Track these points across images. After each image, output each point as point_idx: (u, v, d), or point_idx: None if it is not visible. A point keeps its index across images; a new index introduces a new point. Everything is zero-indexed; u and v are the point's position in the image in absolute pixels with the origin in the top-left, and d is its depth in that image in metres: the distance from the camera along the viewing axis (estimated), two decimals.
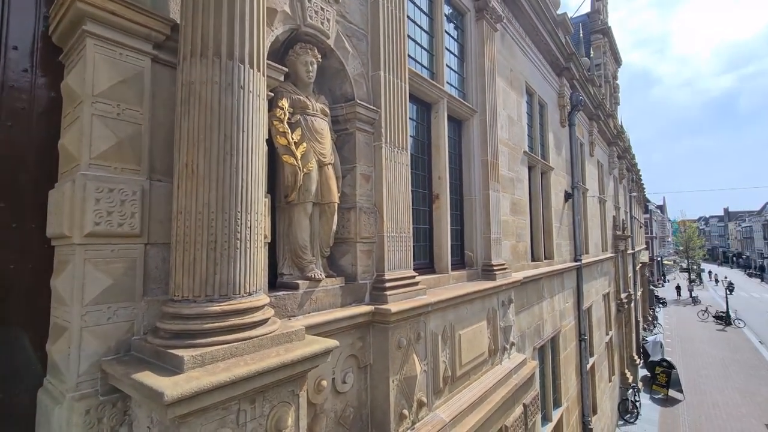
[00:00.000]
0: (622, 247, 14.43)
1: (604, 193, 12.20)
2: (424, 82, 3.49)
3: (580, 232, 8.50)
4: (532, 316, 5.44)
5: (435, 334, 2.93)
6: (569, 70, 7.68)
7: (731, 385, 14.50)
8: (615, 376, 11.75)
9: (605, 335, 10.81)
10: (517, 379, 3.96)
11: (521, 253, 5.37)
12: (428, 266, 3.65)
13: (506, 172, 5.02)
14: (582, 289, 7.99)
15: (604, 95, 13.58)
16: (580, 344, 7.69)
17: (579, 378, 7.59)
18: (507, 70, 5.31)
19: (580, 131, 9.59)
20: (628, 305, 14.41)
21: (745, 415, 11.97)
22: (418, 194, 3.61)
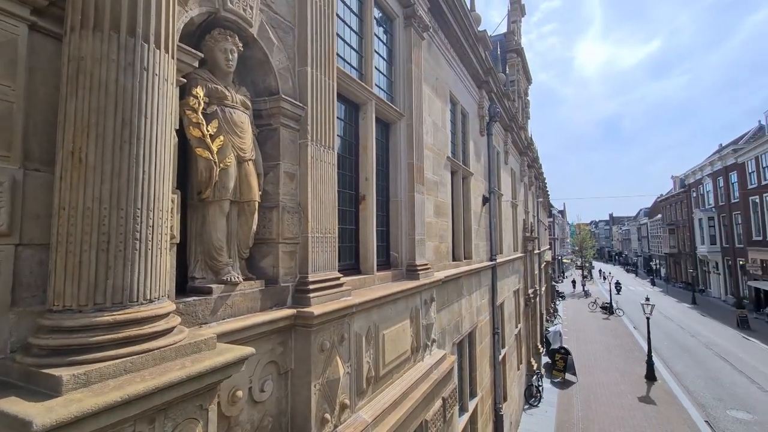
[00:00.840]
0: (531, 248, 15.95)
1: (516, 198, 13.38)
2: (353, 82, 3.48)
3: (495, 234, 9.20)
4: (452, 313, 5.73)
5: (359, 335, 2.93)
6: (488, 83, 8.28)
7: (613, 366, 16.85)
8: (522, 365, 12.94)
9: (515, 328, 11.84)
10: (438, 374, 4.13)
11: (443, 254, 5.64)
12: (354, 267, 3.64)
13: (431, 175, 5.23)
14: (496, 286, 8.65)
15: (517, 109, 14.90)
16: (493, 338, 8.31)
17: (492, 369, 8.20)
18: (433, 78, 5.54)
19: (497, 141, 10.40)
20: (534, 300, 15.97)
21: (623, 392, 13.99)
22: (344, 195, 3.58)
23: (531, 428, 11.28)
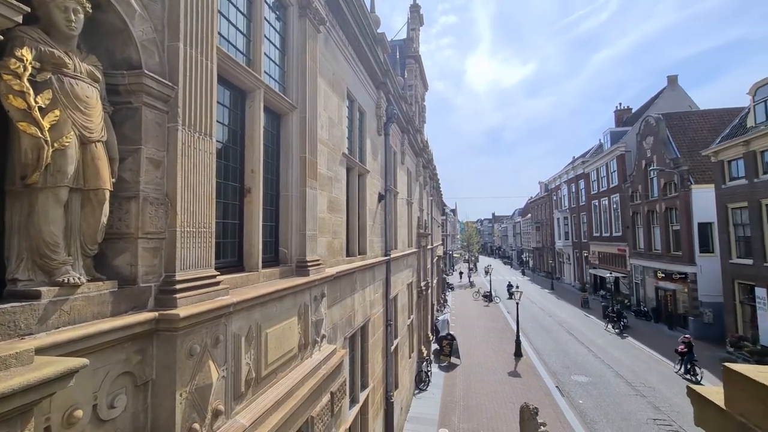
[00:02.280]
0: (424, 243, 17.06)
1: (411, 196, 14.16)
2: (239, 67, 3.26)
3: (390, 230, 9.60)
4: (345, 308, 5.81)
5: (238, 336, 2.76)
6: (386, 84, 8.57)
7: (490, 347, 19.09)
8: (414, 353, 13.81)
9: (408, 319, 12.56)
10: (326, 370, 4.14)
11: (337, 249, 5.67)
12: (236, 265, 3.42)
13: (325, 171, 5.20)
14: (390, 280, 9.04)
15: (414, 113, 15.76)
16: (386, 329, 8.68)
17: (384, 359, 8.57)
18: (330, 73, 5.50)
19: (394, 141, 10.85)
20: (426, 292, 17.15)
21: (497, 368, 15.97)
22: (227, 187, 3.34)
23: (420, 410, 12.12)
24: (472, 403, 12.61)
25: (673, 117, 25.46)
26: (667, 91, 31.41)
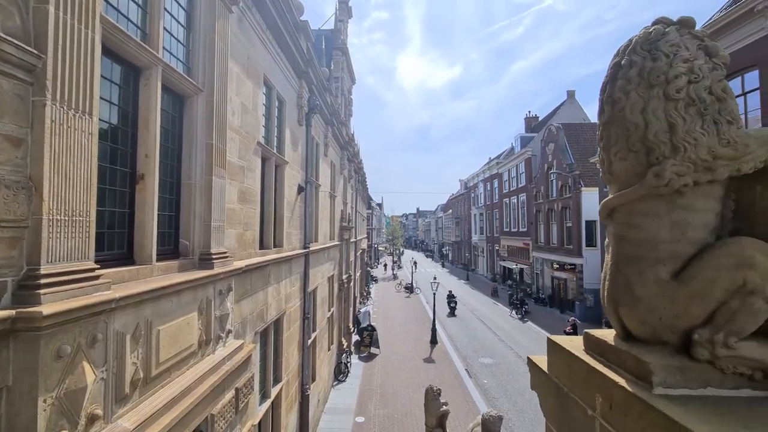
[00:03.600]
0: (347, 237, 17.17)
1: (334, 189, 14.13)
2: (131, 41, 2.97)
3: (310, 223, 9.50)
4: (256, 302, 5.65)
5: (122, 334, 2.56)
6: (308, 74, 8.42)
7: (409, 336, 19.99)
8: (333, 345, 13.90)
9: (327, 312, 12.59)
10: (230, 366, 4.01)
11: (249, 242, 5.47)
12: (126, 257, 3.14)
13: (236, 159, 4.97)
14: (309, 273, 8.97)
15: (340, 105, 15.71)
16: (303, 323, 8.62)
17: (301, 353, 8.51)
18: (244, 57, 5.25)
19: (317, 132, 10.71)
20: (348, 285, 17.31)
21: (413, 356, 16.79)
22: (116, 172, 3.04)
23: (338, 401, 12.27)
24: (389, 390, 13.12)
25: (570, 127, 28.90)
26: (566, 104, 35.48)
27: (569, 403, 1.70)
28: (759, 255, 1.32)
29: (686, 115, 1.49)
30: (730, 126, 1.48)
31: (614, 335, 1.71)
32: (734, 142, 1.46)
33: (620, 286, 1.61)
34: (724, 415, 1.17)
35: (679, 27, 1.60)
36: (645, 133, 1.56)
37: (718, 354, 1.32)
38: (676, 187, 1.47)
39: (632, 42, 1.68)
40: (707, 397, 1.30)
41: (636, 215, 1.60)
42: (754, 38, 12.07)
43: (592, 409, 1.52)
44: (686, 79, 1.52)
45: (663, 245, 1.51)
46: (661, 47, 1.57)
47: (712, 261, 1.39)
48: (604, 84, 1.77)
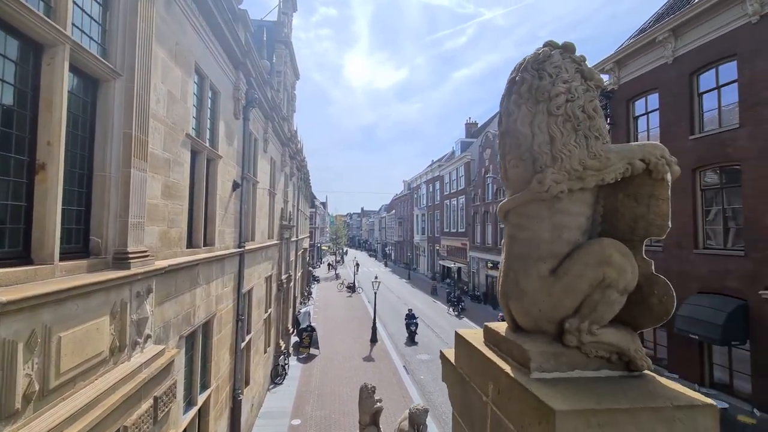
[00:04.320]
0: (288, 235, 16.74)
1: (274, 187, 13.70)
2: (32, 14, 2.65)
3: (246, 221, 9.13)
4: (182, 304, 5.31)
5: (12, 343, 2.27)
6: (246, 66, 8.08)
7: (349, 335, 19.99)
8: (270, 347, 13.47)
9: (264, 313, 12.17)
10: (148, 373, 3.74)
11: (175, 240, 5.13)
12: (22, 256, 2.79)
13: (160, 151, 4.63)
14: (243, 273, 8.61)
15: (282, 100, 15.26)
16: (236, 325, 8.25)
17: (233, 356, 8.14)
18: (172, 43, 4.91)
19: (256, 127, 10.32)
20: (287, 285, 16.88)
21: (353, 355, 16.83)
22: (9, 160, 2.70)
23: (273, 405, 11.92)
24: (327, 391, 13.02)
25: None
26: None
27: (469, 391, 1.84)
28: (616, 254, 1.54)
29: (563, 130, 1.69)
30: (597, 141, 1.69)
31: (507, 327, 1.88)
32: (600, 155, 1.66)
33: (510, 282, 1.78)
34: (583, 393, 1.35)
35: (562, 51, 1.80)
36: (532, 143, 1.75)
37: (583, 340, 1.52)
38: (555, 193, 1.64)
39: (525, 61, 1.86)
40: (575, 378, 1.49)
41: (524, 217, 1.77)
42: (656, 64, 13.79)
43: (486, 395, 1.66)
44: (565, 98, 1.71)
45: (544, 245, 1.69)
46: (546, 68, 1.76)
47: (580, 259, 1.60)
48: (502, 97, 1.95)
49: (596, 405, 1.26)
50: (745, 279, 10.65)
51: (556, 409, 1.20)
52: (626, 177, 1.67)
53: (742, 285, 10.71)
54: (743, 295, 10.66)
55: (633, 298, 1.61)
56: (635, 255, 1.62)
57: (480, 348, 1.86)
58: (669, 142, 13.05)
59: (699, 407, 1.32)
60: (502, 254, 1.94)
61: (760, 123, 10.39)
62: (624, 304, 1.59)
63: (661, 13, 14.68)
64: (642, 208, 1.65)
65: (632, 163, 1.63)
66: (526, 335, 1.72)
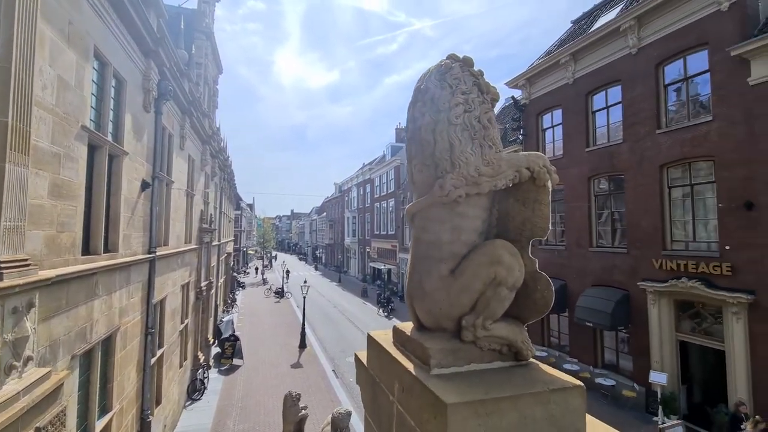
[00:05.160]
0: (208, 240, 15.64)
1: (193, 187, 12.71)
2: None
3: (158, 224, 8.35)
4: (76, 318, 4.68)
5: None
6: (158, 54, 7.41)
7: (276, 342, 19.26)
8: (187, 361, 12.45)
9: (180, 324, 11.22)
10: (28, 401, 3.23)
11: (65, 246, 4.50)
12: None
13: (47, 145, 4.05)
14: (154, 282, 7.85)
15: (202, 94, 14.24)
16: (145, 339, 7.49)
17: (141, 374, 7.37)
18: (64, 21, 4.32)
19: (170, 122, 9.50)
20: (207, 293, 15.76)
21: (281, 363, 16.25)
22: None
23: (190, 423, 11.02)
24: (251, 402, 12.39)
25: None
26: None
27: (378, 391, 1.91)
28: (506, 254, 1.71)
29: (462, 138, 1.82)
30: (491, 150, 1.85)
31: (412, 327, 1.99)
32: (493, 163, 1.82)
33: (415, 282, 1.88)
34: (476, 385, 1.48)
35: (462, 64, 1.95)
36: (434, 150, 1.86)
37: (478, 335, 1.66)
38: (454, 198, 1.76)
39: (430, 71, 1.99)
40: (470, 372, 1.63)
41: (427, 220, 1.87)
42: (560, 84, 15.47)
43: (393, 395, 1.73)
44: (463, 108, 1.85)
45: (445, 246, 1.81)
46: (448, 79, 1.89)
47: (475, 259, 1.74)
48: (410, 105, 2.06)
49: (484, 395, 1.38)
50: (627, 272, 12.41)
51: (448, 402, 1.29)
52: (516, 183, 1.84)
53: (625, 278, 12.47)
54: (626, 286, 12.41)
55: (520, 294, 1.78)
56: (523, 254, 1.80)
57: (388, 348, 1.92)
58: (570, 153, 14.76)
59: (570, 389, 1.51)
60: (410, 255, 2.04)
61: (638, 139, 12.23)
62: (513, 300, 1.76)
63: (564, 39, 16.57)
64: (528, 211, 1.84)
65: (520, 171, 1.82)
66: (429, 334, 1.82)
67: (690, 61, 11.15)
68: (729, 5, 10.03)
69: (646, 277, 11.71)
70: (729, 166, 9.95)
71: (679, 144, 11.13)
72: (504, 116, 21.75)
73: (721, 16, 10.22)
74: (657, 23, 11.72)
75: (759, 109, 9.39)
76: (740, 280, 9.66)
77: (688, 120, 11.10)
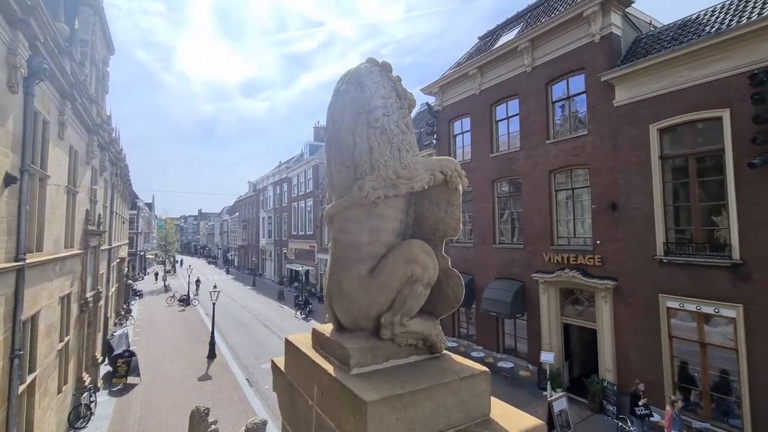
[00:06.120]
0: (96, 243, 13.67)
1: (75, 183, 10.97)
2: None
3: (28, 226, 7.07)
4: None
5: None
6: (29, 25, 6.26)
7: (181, 354, 17.57)
8: (68, 384, 10.72)
9: (59, 342, 9.62)
10: None
11: None
12: None
13: None
14: (23, 294, 6.61)
15: (87, 76, 12.35)
16: (11, 363, 6.27)
17: (5, 405, 6.15)
18: None
19: (45, 106, 8.08)
20: (95, 304, 13.76)
21: (186, 376, 14.87)
22: None
23: None
24: (151, 424, 11.13)
25: None
26: None
27: (296, 396, 1.90)
28: (421, 253, 1.84)
29: (380, 141, 1.89)
30: (408, 153, 1.94)
31: (332, 328, 2.02)
32: (410, 166, 1.91)
33: (334, 283, 1.92)
34: (392, 380, 1.56)
35: (381, 69, 2.03)
36: (353, 151, 1.90)
37: (396, 332, 1.76)
38: (373, 199, 1.82)
39: (350, 73, 2.03)
40: (388, 368, 1.71)
41: (346, 221, 1.90)
42: (468, 94, 16.73)
43: (312, 398, 1.74)
44: (382, 112, 1.92)
45: (364, 247, 1.86)
46: (367, 83, 1.95)
47: (392, 258, 1.83)
48: (329, 105, 2.08)
49: (401, 390, 1.47)
50: (524, 266, 13.98)
51: (367, 400, 1.35)
52: (431, 186, 1.96)
53: (522, 270, 14.03)
54: (523, 278, 13.97)
55: (434, 290, 1.92)
56: (437, 253, 1.93)
57: (307, 352, 1.91)
58: (476, 158, 16.09)
59: (477, 375, 1.68)
60: (328, 257, 2.05)
61: (532, 148, 13.85)
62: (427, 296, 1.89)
63: (472, 53, 18.00)
64: (441, 212, 1.98)
65: (434, 174, 1.94)
66: (349, 334, 1.86)
67: (572, 83, 12.97)
68: (600, 38, 11.91)
69: (539, 269, 13.33)
70: (599, 173, 11.83)
71: (563, 153, 12.88)
72: (419, 121, 22.82)
73: (594, 47, 12.08)
74: (547, 47, 13.40)
75: (620, 126, 11.33)
76: (607, 270, 11.55)
77: (570, 133, 12.91)
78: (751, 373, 8.83)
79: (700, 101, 9.74)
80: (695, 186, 10.01)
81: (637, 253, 10.86)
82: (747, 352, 8.89)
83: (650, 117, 10.70)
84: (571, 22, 12.53)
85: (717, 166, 9.62)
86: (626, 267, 11.14)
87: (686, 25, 11.17)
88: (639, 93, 10.99)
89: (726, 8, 10.55)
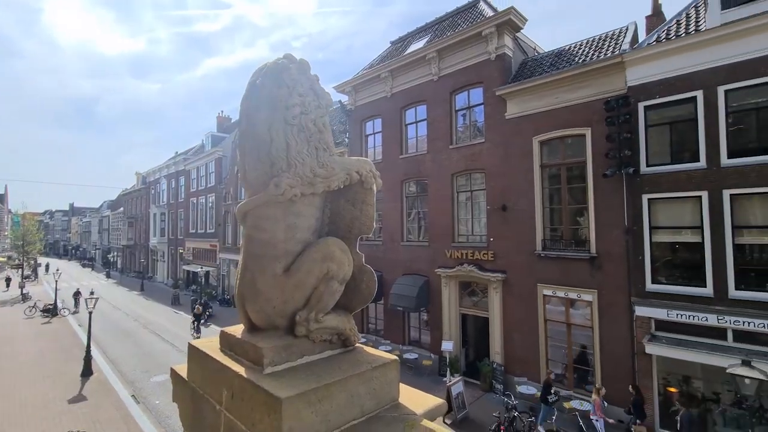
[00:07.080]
0: None
1: None
2: None
3: None
4: None
5: None
6: None
7: (46, 374, 14.78)
8: None
9: None
10: None
11: None
12: None
13: None
14: None
15: None
16: None
17: None
18: None
19: None
20: None
21: (52, 399, 12.56)
22: None
23: None
24: None
25: None
26: None
27: (202, 403, 1.80)
28: (337, 250, 1.89)
29: (298, 139, 1.89)
30: (325, 152, 1.98)
31: (243, 329, 1.97)
32: (327, 165, 1.94)
33: (247, 283, 1.87)
34: (308, 376, 1.59)
35: (299, 66, 2.01)
36: (270, 148, 1.87)
37: (311, 328, 1.80)
38: (289, 197, 1.81)
39: (267, 67, 1.98)
40: (304, 365, 1.74)
41: (261, 219, 1.86)
42: (381, 96, 17.21)
43: (220, 404, 1.67)
44: (300, 110, 1.91)
45: (280, 244, 1.85)
46: (285, 79, 1.92)
47: (309, 256, 1.85)
48: (243, 98, 2.01)
49: (316, 384, 1.50)
50: (428, 262, 14.94)
51: (282, 397, 1.35)
52: (346, 185, 2.01)
53: (426, 266, 14.98)
54: (427, 273, 14.93)
55: (348, 286, 1.98)
56: (352, 250, 2.00)
57: (214, 355, 1.82)
58: (387, 158, 16.66)
59: (388, 363, 1.79)
60: (240, 256, 1.99)
61: (437, 151, 14.86)
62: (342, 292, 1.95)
63: (384, 56, 18.54)
64: (356, 211, 2.05)
65: (350, 174, 2.00)
66: (262, 333, 1.82)
67: (472, 94, 14.25)
68: (495, 56, 13.31)
69: (441, 264, 14.37)
70: (493, 177, 13.24)
71: (464, 158, 14.09)
72: (332, 118, 22.73)
73: (491, 64, 13.45)
74: (452, 59, 14.50)
75: (511, 136, 12.84)
76: (498, 264, 13.00)
77: (470, 140, 14.18)
78: (602, 345, 10.81)
79: (570, 120, 11.58)
80: (565, 191, 11.87)
81: (522, 248, 12.45)
82: (599, 328, 10.86)
83: (533, 130, 12.35)
84: (472, 38, 13.75)
85: (581, 175, 11.56)
86: (513, 261, 12.67)
87: (561, 54, 13.15)
88: (525, 108, 12.59)
89: (590, 43, 12.71)
